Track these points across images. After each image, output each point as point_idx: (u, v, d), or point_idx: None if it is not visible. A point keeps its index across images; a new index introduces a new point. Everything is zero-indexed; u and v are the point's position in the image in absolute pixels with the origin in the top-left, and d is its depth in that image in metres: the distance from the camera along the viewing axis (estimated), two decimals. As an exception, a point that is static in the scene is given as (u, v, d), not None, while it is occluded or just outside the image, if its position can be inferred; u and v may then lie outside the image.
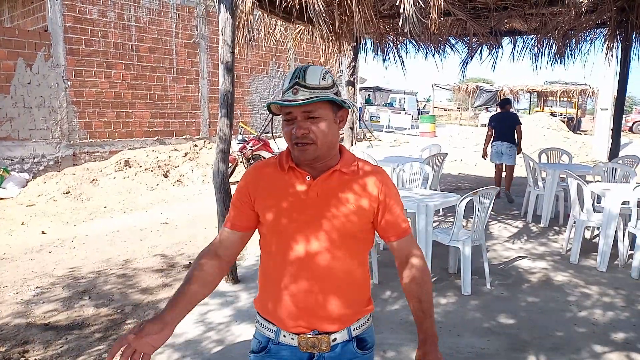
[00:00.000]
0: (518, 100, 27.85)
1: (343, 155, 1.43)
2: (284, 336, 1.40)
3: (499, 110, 7.91)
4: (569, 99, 25.41)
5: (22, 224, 6.33)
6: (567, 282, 4.24)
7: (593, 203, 4.87)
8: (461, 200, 3.85)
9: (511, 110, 7.79)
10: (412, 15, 3.18)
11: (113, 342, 3.13)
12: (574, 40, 6.68)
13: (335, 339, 1.39)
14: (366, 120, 21.90)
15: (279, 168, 1.42)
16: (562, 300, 3.84)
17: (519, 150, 7.46)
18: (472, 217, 4.11)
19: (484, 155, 7.86)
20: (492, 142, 7.59)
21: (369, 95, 30.45)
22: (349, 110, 1.42)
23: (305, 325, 1.38)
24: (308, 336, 1.37)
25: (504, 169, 7.70)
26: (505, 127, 7.40)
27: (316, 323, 1.38)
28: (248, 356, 1.48)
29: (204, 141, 11.38)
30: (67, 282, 4.21)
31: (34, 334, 3.25)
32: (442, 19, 4.48)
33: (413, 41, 6.88)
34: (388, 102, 29.18)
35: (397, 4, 3.29)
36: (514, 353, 3.05)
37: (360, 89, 25.00)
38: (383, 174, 1.46)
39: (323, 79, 1.33)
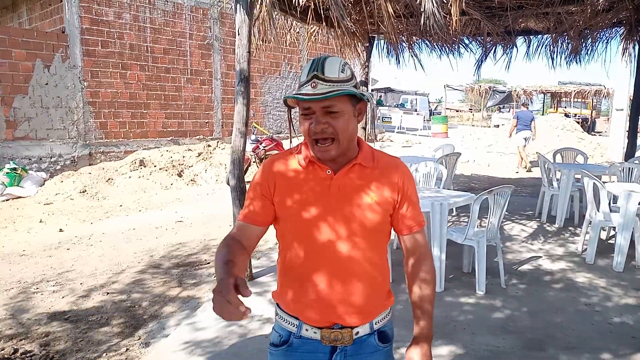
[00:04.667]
0: (531, 101, 27.60)
1: (362, 148, 1.41)
2: (307, 330, 1.39)
3: (522, 109, 12.26)
4: (583, 100, 25.13)
5: (40, 221, 6.44)
6: (583, 282, 4.21)
7: (609, 203, 4.82)
8: (476, 199, 3.84)
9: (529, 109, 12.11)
10: (434, 12, 3.17)
11: (131, 337, 3.19)
12: (589, 40, 6.62)
13: (357, 333, 1.39)
14: (377, 121, 21.87)
15: (298, 162, 1.40)
16: (578, 300, 3.82)
17: (535, 137, 11.33)
18: (485, 217, 4.10)
19: (510, 136, 11.78)
20: (517, 131, 11.13)
21: (380, 96, 30.42)
22: (368, 102, 1.40)
23: (328, 319, 1.37)
24: (331, 330, 1.37)
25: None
26: (526, 120, 11.12)
27: (339, 317, 1.37)
28: (268, 348, 1.48)
29: (217, 141, 11.48)
30: (85, 278, 4.28)
31: (55, 327, 3.32)
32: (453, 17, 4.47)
33: (427, 41, 6.88)
34: (400, 103, 29.12)
35: (417, 2, 3.30)
36: (529, 351, 3.04)
37: (372, 90, 24.96)
38: (402, 164, 1.46)
39: (342, 72, 1.29)
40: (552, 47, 6.94)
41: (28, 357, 2.90)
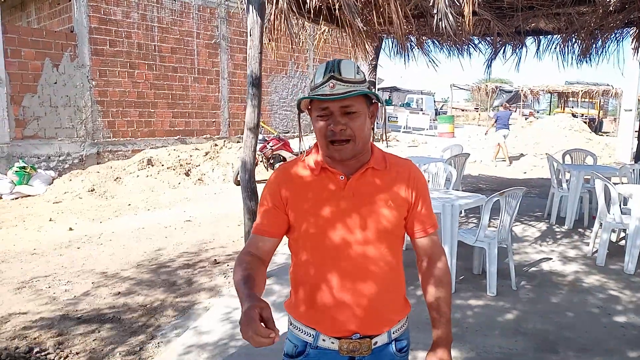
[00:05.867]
0: (538, 102, 27.48)
1: (373, 151, 1.41)
2: (324, 340, 1.36)
3: (501, 109, 13.81)
4: (590, 100, 24.98)
5: (50, 220, 6.48)
6: (594, 284, 4.19)
7: (620, 205, 4.80)
8: (488, 201, 3.83)
9: (509, 109, 13.75)
10: (447, 13, 3.18)
11: (143, 337, 3.21)
12: (600, 40, 6.58)
13: (376, 343, 1.37)
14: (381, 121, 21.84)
15: (310, 169, 1.38)
16: (590, 302, 3.80)
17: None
18: (495, 219, 4.08)
19: (486, 133, 13.84)
20: (496, 129, 12.63)
21: (389, 96, 30.39)
22: (381, 105, 1.40)
23: (346, 328, 1.35)
24: (350, 340, 1.34)
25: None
26: (505, 119, 12.62)
27: (358, 326, 1.35)
28: (282, 359, 1.45)
29: (224, 141, 11.51)
30: (96, 277, 4.30)
31: (68, 326, 3.34)
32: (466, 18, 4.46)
33: (435, 41, 6.87)
34: (405, 102, 29.07)
35: (429, 4, 3.30)
36: (542, 354, 3.03)
37: (378, 90, 24.94)
38: (414, 166, 1.45)
39: (357, 73, 1.29)
40: (562, 48, 6.90)
41: (43, 356, 2.92)
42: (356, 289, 1.34)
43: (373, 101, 1.35)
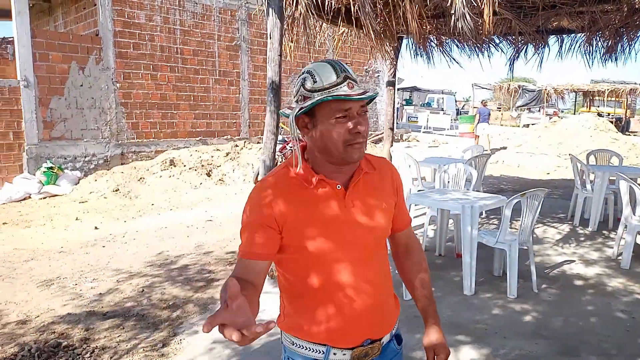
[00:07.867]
0: (563, 101, 26.92)
1: None
2: (335, 354, 1.33)
3: (481, 106, 15.59)
4: (617, 99, 24.39)
5: (76, 219, 6.66)
6: (618, 287, 4.11)
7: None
8: (509, 202, 3.80)
9: (487, 106, 15.65)
10: (465, 14, 3.17)
11: (165, 334, 3.28)
12: (625, 39, 6.43)
13: (383, 342, 1.40)
14: (402, 120, 21.73)
15: (303, 182, 1.30)
16: (613, 306, 3.74)
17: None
18: (516, 220, 4.05)
19: (475, 126, 15.36)
20: (479, 123, 14.78)
21: (410, 95, 30.22)
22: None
23: (359, 337, 1.35)
24: (362, 347, 1.35)
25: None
26: (484, 114, 14.76)
27: (369, 332, 1.36)
28: None
29: (244, 141, 11.61)
30: (121, 275, 4.42)
31: (94, 322, 3.44)
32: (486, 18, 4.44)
33: (455, 41, 6.82)
34: (426, 102, 28.87)
35: (447, 4, 3.30)
36: (563, 357, 3.00)
37: (398, 89, 24.84)
38: (390, 163, 1.49)
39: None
40: (586, 47, 6.77)
41: (70, 350, 3.02)
42: (365, 298, 1.33)
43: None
